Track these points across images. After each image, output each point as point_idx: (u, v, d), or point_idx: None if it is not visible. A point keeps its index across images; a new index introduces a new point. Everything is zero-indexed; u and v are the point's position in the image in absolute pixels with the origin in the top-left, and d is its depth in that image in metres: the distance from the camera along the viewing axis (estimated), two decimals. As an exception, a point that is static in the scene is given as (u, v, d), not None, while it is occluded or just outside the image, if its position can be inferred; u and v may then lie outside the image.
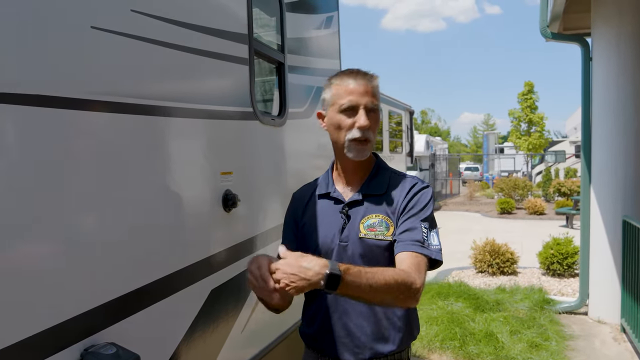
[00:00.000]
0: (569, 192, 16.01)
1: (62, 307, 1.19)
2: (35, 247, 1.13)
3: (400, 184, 1.55)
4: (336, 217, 1.55)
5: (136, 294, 1.41)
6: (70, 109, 1.22)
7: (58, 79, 1.19)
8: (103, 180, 1.32)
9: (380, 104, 1.55)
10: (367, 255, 1.49)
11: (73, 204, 1.23)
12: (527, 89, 31.08)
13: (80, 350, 1.22)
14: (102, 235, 1.31)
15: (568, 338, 4.70)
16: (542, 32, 5.78)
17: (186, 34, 1.68)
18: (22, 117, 1.09)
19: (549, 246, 7.05)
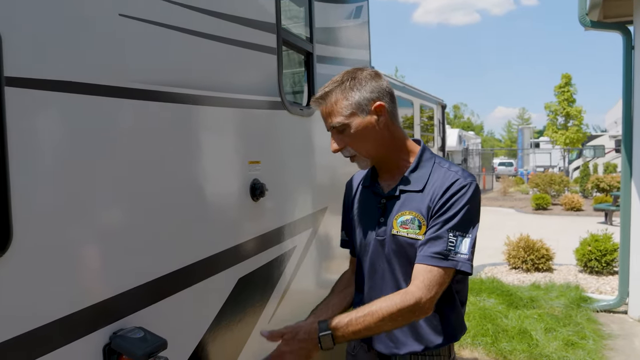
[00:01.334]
0: (608, 188, 15.47)
1: (93, 291, 1.20)
2: (71, 232, 1.15)
3: (441, 179, 1.47)
4: (375, 210, 1.55)
5: (164, 279, 1.42)
6: (101, 95, 1.23)
7: (90, 66, 1.20)
8: (135, 167, 1.34)
9: (351, 109, 1.45)
10: (401, 252, 1.49)
11: (105, 191, 1.24)
12: (565, 81, 30.10)
13: (109, 334, 1.24)
14: (132, 222, 1.33)
15: (606, 337, 4.55)
16: (580, 21, 5.57)
17: (215, 23, 1.68)
18: (62, 105, 1.11)
19: (587, 243, 6.82)
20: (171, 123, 1.48)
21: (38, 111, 1.08)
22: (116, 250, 1.28)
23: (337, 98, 1.47)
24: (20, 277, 1.03)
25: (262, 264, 1.94)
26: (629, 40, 5.32)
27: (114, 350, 1.23)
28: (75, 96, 1.16)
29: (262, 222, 1.96)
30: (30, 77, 1.05)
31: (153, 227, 1.40)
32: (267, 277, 2.00)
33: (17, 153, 1.01)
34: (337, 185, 2.83)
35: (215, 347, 1.65)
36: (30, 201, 1.05)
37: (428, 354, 1.51)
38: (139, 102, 1.35)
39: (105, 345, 1.23)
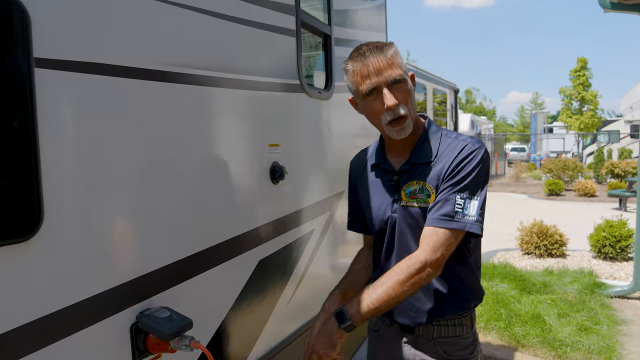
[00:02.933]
0: (623, 174, 15.26)
1: (121, 270, 1.22)
2: (99, 214, 1.16)
3: (450, 148, 1.47)
4: (388, 188, 1.54)
5: (188, 260, 1.44)
6: (126, 77, 1.23)
7: (116, 48, 1.20)
8: (158, 151, 1.34)
9: (405, 69, 1.44)
10: (412, 224, 1.48)
11: (131, 174, 1.26)
12: (580, 65, 29.61)
13: (136, 313, 1.26)
14: (158, 204, 1.34)
15: (620, 323, 4.53)
16: (600, 3, 5.44)
17: (235, 4, 1.67)
18: (89, 86, 1.12)
19: (601, 228, 6.76)
20: (192, 105, 1.48)
21: (66, 92, 1.09)
22: (142, 232, 1.30)
23: (396, 53, 1.44)
24: (52, 257, 1.05)
25: (281, 247, 1.96)
26: (649, 22, 5.20)
27: (141, 329, 1.25)
28: (101, 78, 1.16)
29: (281, 205, 1.97)
30: (58, 58, 1.06)
31: (177, 209, 1.42)
32: (286, 260, 2.01)
33: (48, 134, 1.02)
34: (354, 169, 2.83)
35: (237, 327, 1.68)
36: (60, 183, 1.06)
37: (451, 323, 1.53)
38: (161, 84, 1.36)
39: (133, 324, 1.25)
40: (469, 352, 1.56)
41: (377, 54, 1.41)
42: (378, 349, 1.67)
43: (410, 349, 1.56)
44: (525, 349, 4.01)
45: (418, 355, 1.54)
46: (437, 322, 1.52)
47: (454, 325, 1.53)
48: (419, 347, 1.55)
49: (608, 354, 3.80)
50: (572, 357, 3.82)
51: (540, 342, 4.07)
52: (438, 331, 1.53)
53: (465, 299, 1.54)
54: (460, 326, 1.54)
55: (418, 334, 1.55)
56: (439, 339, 1.53)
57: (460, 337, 1.54)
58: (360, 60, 1.43)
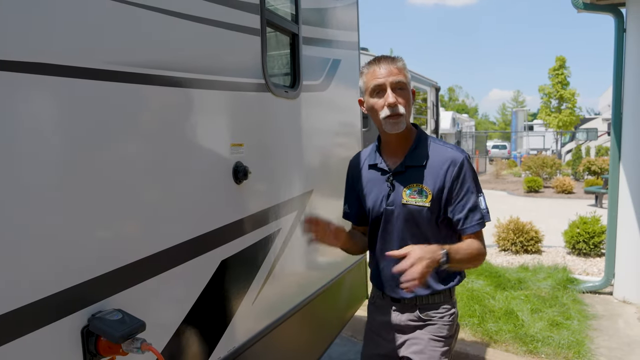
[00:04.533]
0: (600, 171, 15.55)
1: (72, 272, 1.21)
2: (52, 214, 1.14)
3: (439, 155, 1.80)
4: (383, 185, 1.85)
5: (145, 262, 1.43)
6: (83, 78, 1.22)
7: (75, 49, 1.19)
8: (113, 149, 1.33)
9: (409, 81, 1.78)
10: (409, 218, 1.80)
11: (84, 174, 1.24)
12: (559, 64, 30.03)
13: (88, 316, 1.25)
14: (114, 205, 1.33)
15: (591, 317, 4.62)
16: (573, 3, 5.53)
17: (197, 4, 1.66)
18: (49, 88, 1.10)
19: (575, 225, 6.89)
20: (154, 105, 1.47)
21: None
22: (96, 232, 1.28)
23: (404, 66, 1.80)
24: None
25: (245, 247, 1.95)
26: (620, 22, 5.30)
27: (92, 332, 1.24)
28: (61, 79, 1.15)
29: (245, 204, 1.96)
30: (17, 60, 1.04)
31: (134, 209, 1.41)
32: (251, 259, 2.01)
33: None
34: (324, 168, 2.84)
35: (197, 328, 1.67)
36: (7, 181, 1.05)
37: (430, 294, 1.85)
38: (118, 84, 1.34)
39: (84, 327, 1.24)
40: (444, 315, 1.87)
41: (389, 62, 1.76)
42: (374, 316, 2.01)
43: (397, 314, 1.91)
44: (498, 344, 4.07)
45: (403, 320, 1.89)
46: (419, 296, 1.84)
47: (433, 295, 1.86)
48: (403, 312, 1.89)
49: (577, 349, 3.88)
50: (543, 352, 3.89)
51: (512, 337, 4.13)
52: (420, 300, 1.86)
53: (448, 279, 1.87)
54: (440, 294, 1.86)
55: (403, 303, 1.89)
56: (420, 305, 1.87)
57: (438, 303, 1.86)
58: (374, 65, 1.77)
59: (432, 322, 1.85)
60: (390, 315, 1.92)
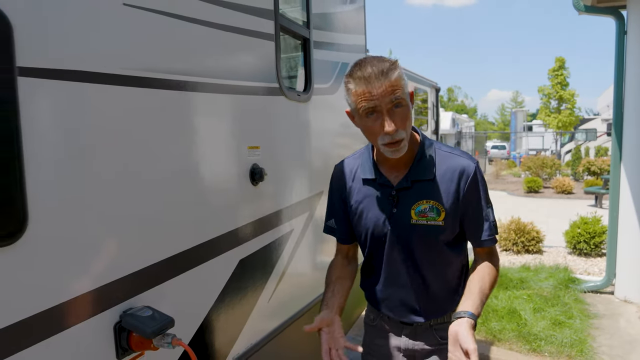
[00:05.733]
0: (599, 171, 15.62)
1: (105, 271, 1.26)
2: (84, 218, 1.20)
3: (449, 165, 1.55)
4: (384, 203, 1.58)
5: (171, 261, 1.48)
6: (103, 84, 1.27)
7: (92, 54, 1.24)
8: (140, 154, 1.38)
9: (406, 91, 1.44)
10: (420, 240, 1.56)
11: (110, 180, 1.29)
12: (558, 64, 30.11)
13: (120, 312, 1.30)
14: (141, 207, 1.38)
15: (592, 317, 4.68)
16: (574, 5, 5.59)
17: (214, 10, 1.71)
18: (71, 93, 1.15)
19: (576, 225, 6.95)
20: (173, 110, 1.52)
21: (49, 99, 1.12)
22: (126, 233, 1.33)
23: (400, 76, 1.42)
24: (37, 260, 1.09)
25: (261, 246, 2.01)
26: (621, 25, 5.36)
27: (124, 327, 1.29)
28: (82, 84, 1.20)
29: (261, 205, 2.02)
30: (41, 66, 1.09)
31: (159, 211, 1.46)
32: (266, 259, 2.06)
33: (31, 140, 1.06)
34: (331, 170, 2.89)
35: (218, 325, 1.73)
36: (44, 188, 1.10)
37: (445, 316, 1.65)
38: (143, 89, 1.39)
39: (116, 323, 1.29)
40: None
41: (381, 77, 1.38)
42: (374, 340, 1.76)
43: (408, 340, 1.68)
44: (501, 343, 4.13)
45: (417, 344, 1.67)
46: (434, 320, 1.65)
47: (448, 314, 1.64)
48: (417, 336, 1.67)
49: (580, 347, 3.93)
50: (546, 351, 3.94)
51: (515, 336, 4.19)
52: (435, 321, 1.66)
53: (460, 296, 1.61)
54: (453, 312, 1.61)
55: (417, 326, 1.67)
56: (435, 326, 1.66)
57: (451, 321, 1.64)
58: (363, 83, 1.39)
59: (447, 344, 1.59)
60: (398, 339, 1.70)
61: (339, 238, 1.77)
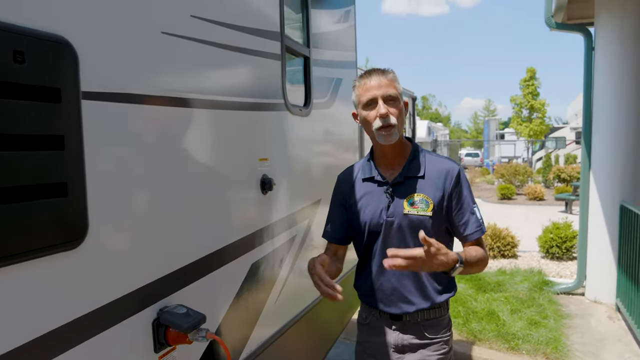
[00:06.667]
0: (569, 178, 16.22)
1: (147, 272, 1.40)
2: (135, 227, 1.34)
3: (436, 166, 1.83)
4: (381, 196, 1.83)
5: (196, 264, 1.63)
6: (137, 103, 1.41)
7: (141, 80, 1.38)
8: (167, 166, 1.52)
9: (400, 92, 1.79)
10: (411, 228, 1.78)
11: (151, 190, 1.43)
12: (529, 75, 31.09)
13: (157, 310, 1.44)
14: (175, 216, 1.53)
15: (565, 317, 4.96)
16: (547, 22, 5.92)
17: (232, 34, 1.87)
18: (120, 114, 1.29)
19: (549, 230, 7.29)
20: (195, 125, 1.67)
21: (108, 120, 1.26)
22: (161, 239, 1.47)
23: (395, 78, 1.82)
24: (93, 265, 1.22)
25: (269, 251, 2.16)
26: (589, 41, 5.71)
27: (161, 323, 1.43)
28: (130, 105, 1.34)
29: (270, 213, 2.17)
30: (100, 90, 1.23)
31: (186, 219, 1.60)
32: (273, 263, 2.21)
33: (93, 157, 1.20)
34: (329, 179, 3.06)
35: (234, 324, 1.87)
36: (101, 200, 1.24)
37: (431, 307, 1.84)
38: (168, 108, 1.53)
39: (154, 320, 1.43)
40: (446, 331, 1.90)
41: (379, 75, 1.79)
42: (368, 338, 1.93)
43: (398, 334, 1.86)
44: (482, 342, 4.35)
45: (405, 339, 1.85)
46: (420, 310, 1.83)
47: (434, 309, 1.85)
48: (405, 331, 1.85)
49: (555, 345, 4.19)
50: (524, 349, 4.18)
51: (495, 336, 4.42)
52: (422, 316, 1.84)
53: (446, 289, 1.87)
54: (439, 309, 1.87)
55: (405, 320, 1.84)
56: (423, 322, 1.84)
57: (439, 318, 1.87)
58: (365, 78, 1.80)
59: (435, 339, 1.84)
60: (389, 335, 1.87)
61: (332, 237, 1.97)
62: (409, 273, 1.80)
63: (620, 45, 5.20)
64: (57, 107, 1.12)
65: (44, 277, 1.10)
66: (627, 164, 5.20)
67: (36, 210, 1.07)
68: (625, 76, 5.18)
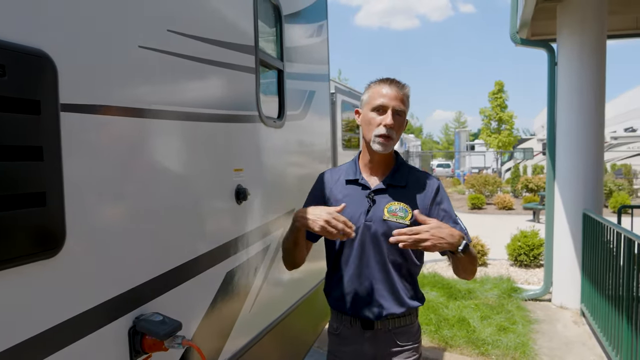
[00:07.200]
0: (536, 188, 16.69)
1: (123, 280, 1.42)
2: (111, 235, 1.36)
3: (419, 179, 1.90)
4: (362, 200, 1.86)
5: (172, 273, 1.65)
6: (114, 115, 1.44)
7: (110, 90, 1.42)
8: (144, 176, 1.55)
9: (407, 111, 1.87)
10: (387, 234, 1.75)
11: (126, 201, 1.46)
12: (498, 88, 31.94)
13: (132, 318, 1.46)
14: (149, 226, 1.55)
15: (533, 322, 5.11)
16: (512, 38, 6.16)
17: (207, 48, 1.92)
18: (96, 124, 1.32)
19: (517, 239, 7.50)
20: (169, 136, 1.70)
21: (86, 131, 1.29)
22: (138, 247, 1.50)
23: (409, 95, 1.89)
24: (70, 273, 1.24)
25: (244, 260, 2.19)
26: (552, 56, 5.95)
27: (138, 331, 1.45)
28: (110, 118, 1.38)
29: (244, 223, 2.21)
30: (78, 102, 1.27)
31: (159, 229, 1.63)
32: (248, 271, 2.25)
33: (70, 167, 1.23)
34: (302, 189, 3.11)
35: (209, 331, 1.89)
36: (79, 210, 1.26)
37: (402, 316, 1.87)
38: (144, 120, 1.57)
39: (130, 328, 1.45)
40: (416, 338, 1.93)
41: (397, 87, 1.84)
42: (339, 348, 1.93)
43: (371, 344, 1.87)
44: (453, 348, 4.45)
45: (378, 348, 1.87)
46: (391, 316, 1.85)
47: (404, 316, 1.88)
48: (377, 340, 1.86)
49: (523, 349, 4.31)
50: (493, 354, 4.29)
51: (465, 342, 4.52)
52: (393, 324, 1.86)
53: (416, 297, 1.91)
54: (409, 316, 1.90)
55: (377, 328, 1.85)
56: (394, 330, 1.86)
57: (409, 325, 1.90)
58: (385, 84, 1.85)
59: (406, 347, 1.88)
60: (361, 344, 1.88)
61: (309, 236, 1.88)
62: (382, 278, 1.83)
63: (579, 62, 5.44)
64: (37, 119, 1.15)
65: (20, 285, 1.12)
66: (588, 175, 5.41)
67: (16, 219, 1.09)
68: (585, 92, 5.41)
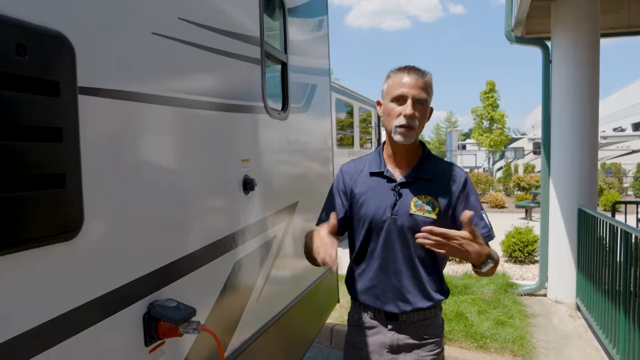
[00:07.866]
0: (528, 187, 16.80)
1: (136, 267, 1.42)
2: (129, 220, 1.36)
3: (446, 171, 1.84)
4: (388, 193, 1.81)
5: (185, 259, 1.66)
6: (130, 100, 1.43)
7: (125, 76, 1.41)
8: (161, 163, 1.55)
9: (430, 98, 1.79)
10: (414, 228, 1.73)
11: (144, 185, 1.46)
12: (489, 87, 32.10)
13: (147, 304, 1.46)
14: (164, 213, 1.55)
15: (529, 316, 5.15)
16: (506, 36, 6.20)
17: (215, 38, 1.92)
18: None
19: (511, 235, 7.55)
20: (178, 125, 1.70)
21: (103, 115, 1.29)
22: (153, 234, 1.50)
23: (431, 83, 1.80)
24: (87, 257, 1.24)
25: (251, 250, 2.20)
26: (547, 54, 6.00)
27: (152, 317, 1.45)
28: (125, 103, 1.38)
29: (251, 213, 2.21)
30: (97, 86, 1.26)
31: (173, 217, 1.63)
32: (255, 261, 2.25)
33: (87, 150, 1.23)
34: (305, 181, 3.13)
35: (220, 319, 1.90)
36: (96, 193, 1.26)
37: (427, 307, 1.82)
38: (156, 106, 1.56)
39: (145, 313, 1.45)
40: (440, 331, 1.89)
41: (417, 74, 1.76)
42: (360, 339, 1.88)
43: (394, 334, 1.83)
44: (452, 342, 4.47)
45: (401, 339, 1.82)
46: (417, 309, 1.81)
47: (429, 309, 1.83)
48: (401, 331, 1.83)
49: (520, 343, 4.35)
50: (492, 347, 4.33)
51: (464, 336, 4.55)
52: (417, 316, 1.82)
53: (442, 290, 1.86)
54: (434, 309, 1.85)
55: (401, 320, 1.81)
56: (419, 322, 1.82)
57: (434, 318, 1.86)
58: (404, 73, 1.77)
59: (430, 340, 1.83)
60: (384, 335, 1.84)
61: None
62: (409, 273, 1.79)
63: (574, 59, 5.49)
64: (56, 100, 1.15)
65: (39, 268, 1.11)
66: (582, 171, 5.46)
67: (36, 200, 1.09)
68: (579, 89, 5.46)
